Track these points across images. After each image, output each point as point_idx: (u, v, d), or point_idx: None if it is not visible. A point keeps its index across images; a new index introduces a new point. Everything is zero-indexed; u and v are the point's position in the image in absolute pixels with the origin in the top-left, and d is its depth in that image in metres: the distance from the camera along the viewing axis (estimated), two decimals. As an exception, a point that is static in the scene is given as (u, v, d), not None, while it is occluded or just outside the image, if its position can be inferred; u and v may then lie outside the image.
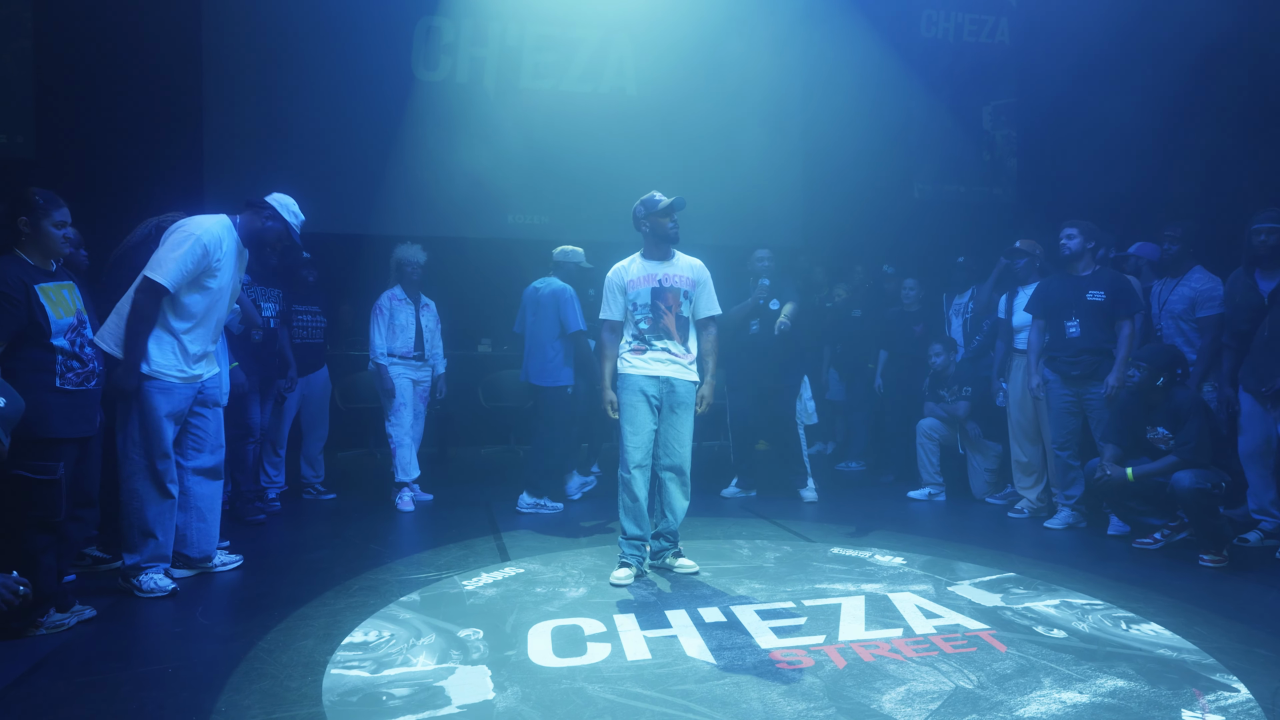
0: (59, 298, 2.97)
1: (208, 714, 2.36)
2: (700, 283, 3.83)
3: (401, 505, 5.14)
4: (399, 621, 3.12)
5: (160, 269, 3.27)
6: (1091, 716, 2.35)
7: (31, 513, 2.88)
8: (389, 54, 7.71)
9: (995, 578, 3.70)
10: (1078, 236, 4.54)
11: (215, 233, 3.38)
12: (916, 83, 9.24)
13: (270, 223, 3.56)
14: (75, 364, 2.98)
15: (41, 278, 2.96)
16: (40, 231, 2.96)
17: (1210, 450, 3.88)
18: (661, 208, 3.74)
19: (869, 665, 2.71)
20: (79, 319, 3.04)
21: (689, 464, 3.77)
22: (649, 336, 3.77)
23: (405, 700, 2.45)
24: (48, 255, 3.01)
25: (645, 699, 2.45)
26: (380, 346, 5.20)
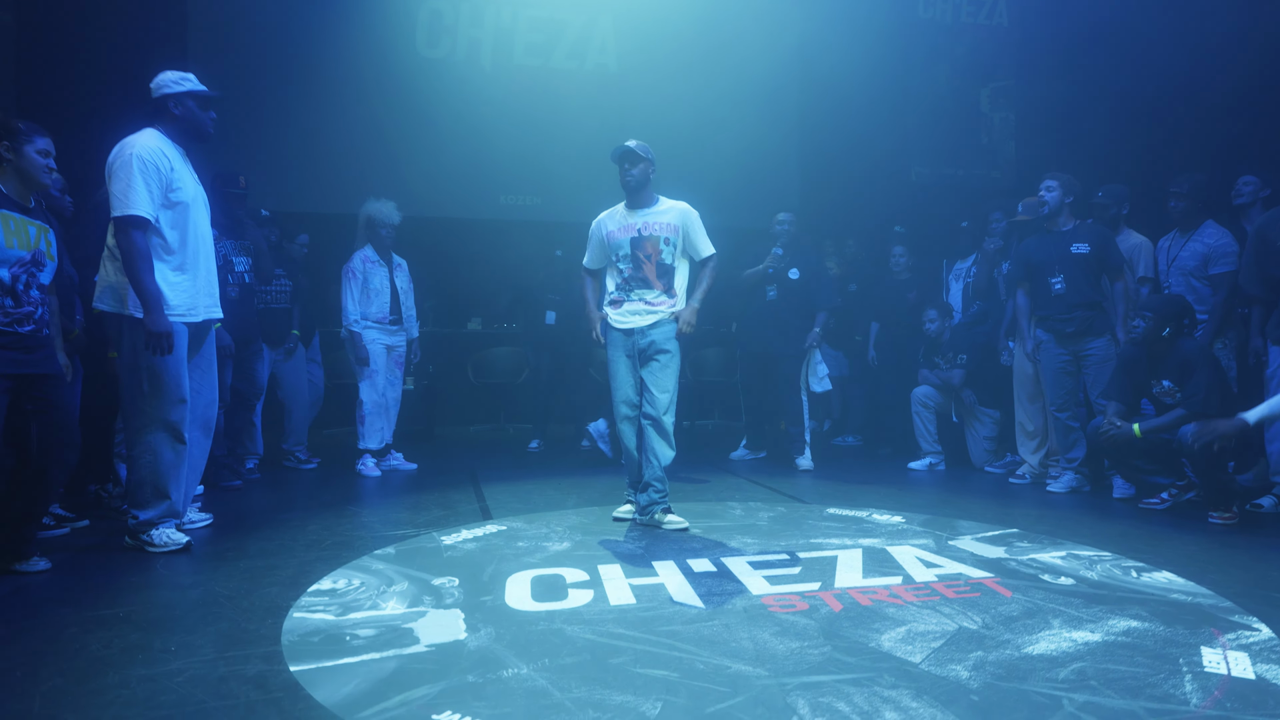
0: (18, 228, 2.79)
1: (156, 653, 2.20)
2: (685, 226, 3.70)
3: (366, 471, 4.99)
4: (371, 571, 2.95)
5: (124, 203, 3.03)
6: (1105, 653, 2.19)
7: None
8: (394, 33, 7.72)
9: (998, 533, 3.54)
10: (1056, 189, 4.40)
11: (149, 144, 3.12)
12: (914, 64, 9.13)
13: (179, 109, 3.22)
14: (8, 301, 2.77)
15: (7, 205, 2.78)
16: (23, 158, 2.81)
17: (1219, 402, 3.72)
18: (613, 156, 3.69)
19: (867, 609, 2.55)
20: (35, 258, 2.85)
21: (669, 412, 3.62)
22: (628, 287, 3.70)
23: (370, 640, 2.28)
24: (29, 185, 2.85)
25: (628, 639, 2.29)
26: (353, 312, 5.02)
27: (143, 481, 3.19)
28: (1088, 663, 2.13)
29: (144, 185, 3.05)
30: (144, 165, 3.06)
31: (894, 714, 1.83)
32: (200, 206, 3.31)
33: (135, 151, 3.08)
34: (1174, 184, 4.38)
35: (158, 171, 3.10)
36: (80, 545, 3.33)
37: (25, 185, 2.86)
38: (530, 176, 8.03)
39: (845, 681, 2.01)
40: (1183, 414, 3.75)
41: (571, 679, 2.02)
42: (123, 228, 3.03)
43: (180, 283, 3.21)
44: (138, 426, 3.18)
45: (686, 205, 3.72)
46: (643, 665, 2.10)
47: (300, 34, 7.32)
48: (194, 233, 3.26)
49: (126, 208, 3.03)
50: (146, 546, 3.17)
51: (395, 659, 2.15)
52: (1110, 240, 4.36)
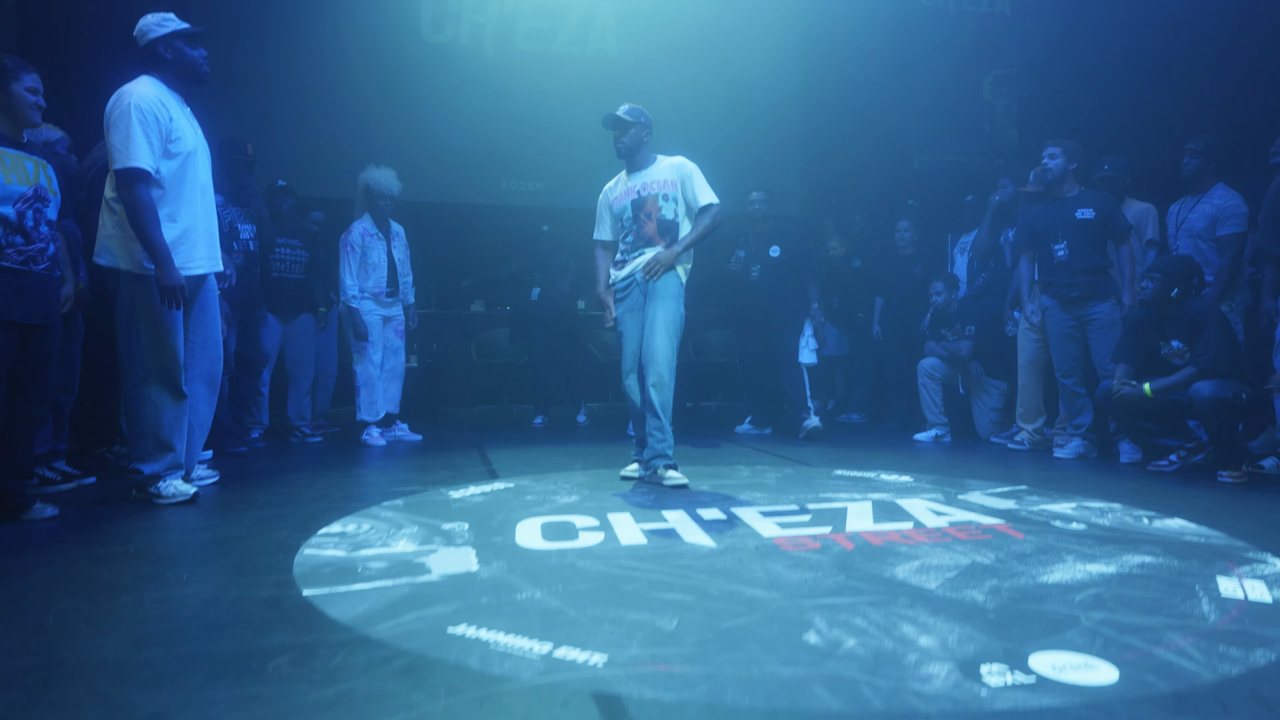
0: (15, 164, 2.77)
1: (168, 581, 2.19)
2: (683, 179, 3.68)
3: (371, 440, 4.97)
4: (380, 518, 2.94)
5: (124, 155, 2.97)
6: (1120, 582, 2.18)
7: None
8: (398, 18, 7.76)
9: (1007, 489, 3.53)
10: (1060, 156, 4.39)
11: (147, 93, 3.04)
12: (916, 52, 9.15)
13: (170, 52, 3.14)
14: (18, 239, 2.75)
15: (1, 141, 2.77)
16: (10, 95, 2.78)
17: (1230, 360, 3.71)
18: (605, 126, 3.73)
19: (879, 547, 2.55)
20: (37, 193, 2.83)
21: (665, 357, 3.56)
22: (633, 248, 3.73)
23: (382, 570, 2.28)
24: (18, 123, 2.83)
25: (641, 570, 2.28)
26: (351, 287, 4.99)
27: (144, 434, 3.17)
28: (1103, 589, 2.12)
29: (143, 136, 2.98)
30: (143, 115, 2.99)
31: (911, 628, 1.83)
32: (201, 157, 3.24)
33: (133, 101, 3.00)
34: (1191, 141, 4.36)
35: (156, 121, 3.03)
36: (87, 499, 3.32)
37: (15, 123, 2.84)
38: (533, 162, 8.07)
39: (861, 603, 2.00)
40: (1193, 372, 3.74)
41: (586, 601, 2.01)
42: (125, 181, 2.97)
43: (177, 235, 3.14)
44: (136, 380, 3.15)
45: (683, 159, 3.71)
46: (657, 591, 2.09)
47: (304, 17, 7.34)
48: (192, 184, 3.19)
49: (127, 160, 2.96)
50: (154, 499, 3.16)
51: (408, 586, 2.14)
52: (1115, 205, 4.36)
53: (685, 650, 1.70)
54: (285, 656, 1.65)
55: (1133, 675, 1.58)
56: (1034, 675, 1.57)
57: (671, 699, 1.47)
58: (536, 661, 1.63)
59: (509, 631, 1.79)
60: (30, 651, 1.68)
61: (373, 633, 1.78)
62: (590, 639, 1.75)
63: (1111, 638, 1.77)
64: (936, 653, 1.68)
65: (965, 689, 1.51)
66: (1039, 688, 1.52)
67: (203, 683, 1.55)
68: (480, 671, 1.58)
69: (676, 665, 1.62)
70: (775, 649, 1.70)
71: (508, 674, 1.57)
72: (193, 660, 1.66)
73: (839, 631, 1.80)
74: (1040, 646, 1.71)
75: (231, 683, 1.53)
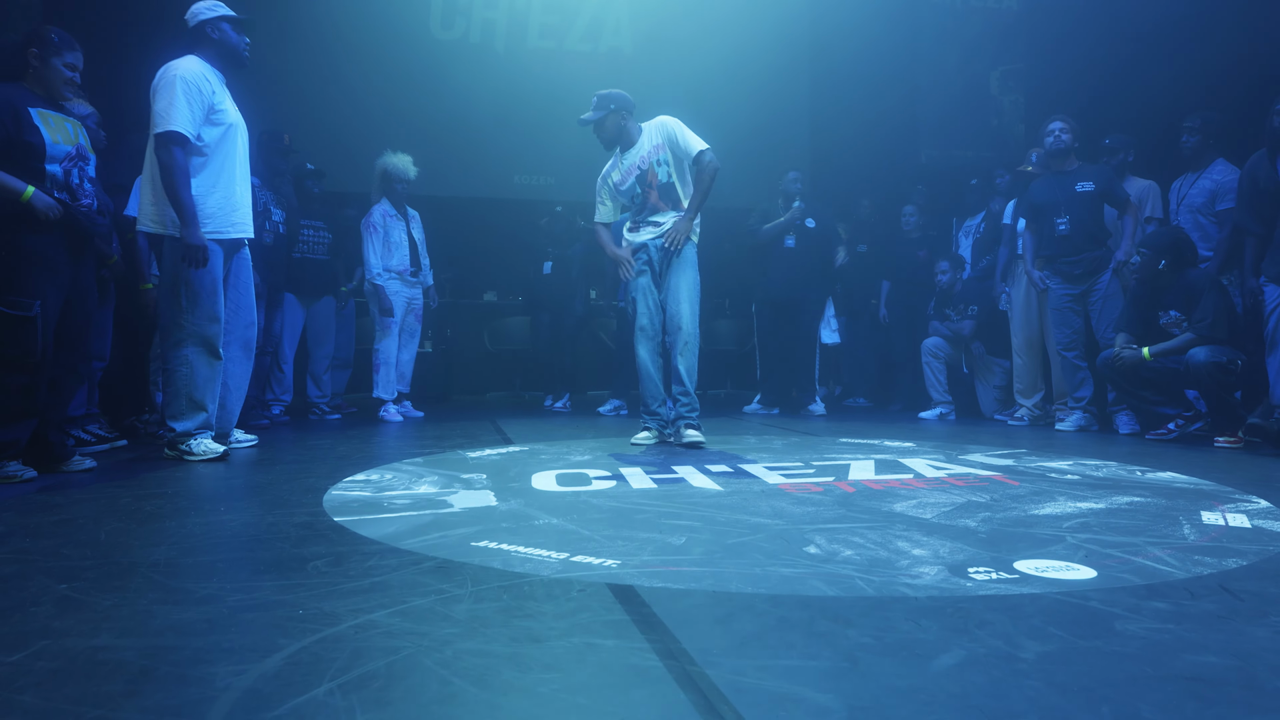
0: (59, 125, 2.93)
1: (207, 512, 2.33)
2: (668, 138, 3.80)
3: (388, 416, 5.14)
4: (402, 470, 3.08)
5: (165, 119, 3.17)
6: (1108, 515, 2.29)
7: (5, 350, 2.78)
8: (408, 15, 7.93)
9: (1007, 451, 3.64)
10: (1069, 131, 4.50)
11: (192, 67, 3.26)
12: (923, 47, 9.27)
13: (216, 33, 3.37)
14: (64, 196, 2.91)
15: (41, 104, 2.92)
16: (48, 67, 2.93)
17: (1227, 327, 3.81)
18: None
19: (879, 491, 2.66)
20: (79, 152, 2.99)
21: (691, 323, 3.73)
22: (641, 219, 3.88)
23: (407, 505, 2.41)
24: (51, 93, 2.98)
25: (652, 507, 2.41)
26: (375, 265, 5.18)
27: (178, 393, 3.32)
28: (1090, 519, 2.23)
29: (186, 103, 3.19)
30: (187, 85, 3.21)
31: (906, 544, 1.95)
32: (239, 132, 3.44)
33: (179, 73, 3.22)
34: (1187, 119, 4.46)
35: (200, 93, 3.25)
36: (122, 458, 3.47)
37: (49, 94, 2.99)
38: (544, 156, 8.21)
39: (859, 527, 2.12)
40: (1191, 338, 3.84)
41: (600, 525, 2.14)
42: (164, 143, 3.17)
43: (214, 199, 3.32)
44: (175, 340, 3.31)
45: (662, 118, 3.82)
46: (667, 519, 2.22)
47: (316, 13, 7.50)
48: (229, 154, 3.38)
49: (168, 123, 3.17)
50: (185, 456, 3.30)
51: (432, 515, 2.27)
52: (1113, 176, 4.45)
53: (693, 558, 1.82)
54: (322, 560, 1.78)
55: (1110, 574, 1.69)
56: (1018, 574, 1.69)
57: (679, 588, 1.60)
58: (555, 564, 1.76)
59: (528, 545, 1.92)
60: (88, 556, 1.82)
61: (402, 545, 1.92)
62: (604, 550, 1.88)
63: (1094, 550, 1.88)
64: (928, 560, 1.80)
65: (953, 583, 1.63)
66: (1021, 582, 1.64)
67: (249, 576, 1.68)
68: (503, 570, 1.71)
69: (685, 567, 1.74)
70: (777, 557, 1.82)
71: (529, 572, 1.70)
72: (238, 563, 1.80)
73: (837, 545, 1.92)
74: (1026, 556, 1.83)
75: (276, 576, 1.66)
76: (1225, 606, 1.48)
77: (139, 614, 1.42)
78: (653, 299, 3.79)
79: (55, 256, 2.89)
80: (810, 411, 5.39)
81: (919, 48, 9.31)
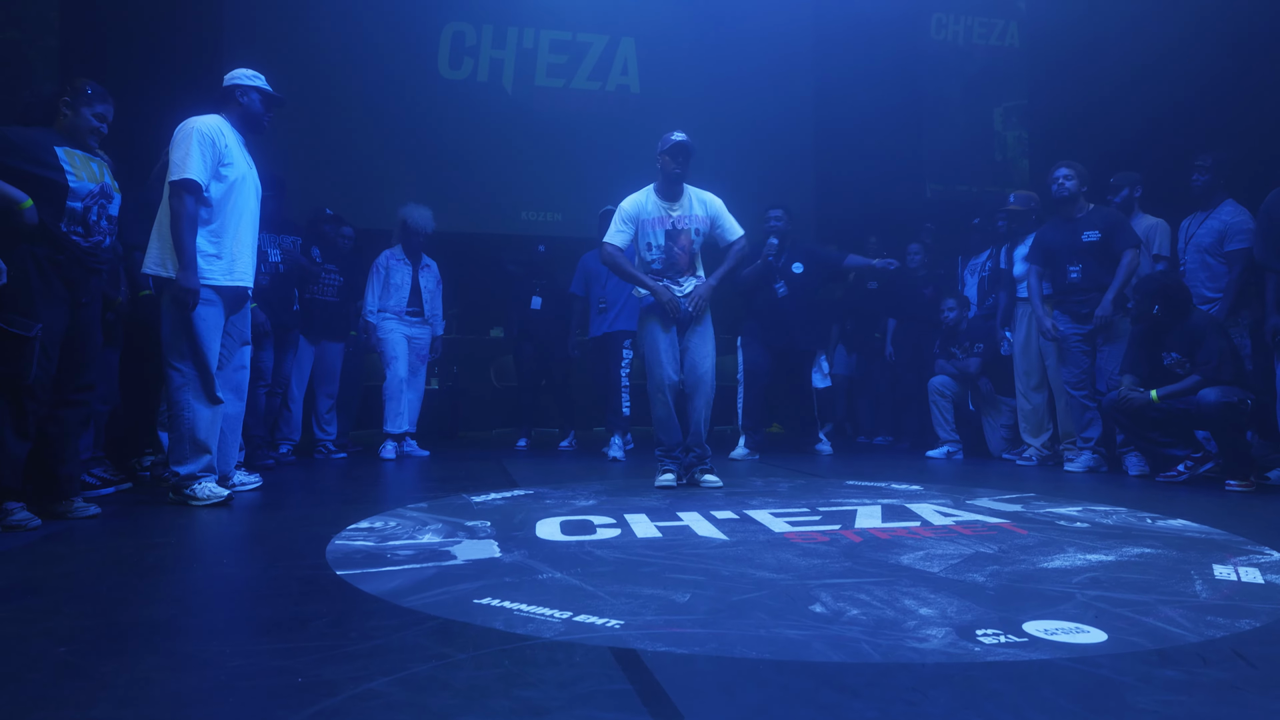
0: (84, 163, 2.98)
1: (209, 564, 2.32)
2: (714, 216, 3.94)
3: (384, 454, 5.18)
4: (405, 517, 3.07)
5: (179, 168, 3.26)
6: (1118, 568, 2.26)
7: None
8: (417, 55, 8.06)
9: (1015, 495, 3.61)
10: (1075, 178, 4.50)
11: (211, 123, 3.38)
12: (927, 84, 9.37)
13: (245, 99, 3.51)
14: (80, 229, 2.95)
15: (68, 143, 2.97)
16: (78, 115, 3.00)
17: (1232, 368, 3.79)
18: (665, 148, 3.84)
19: (886, 540, 2.64)
20: (103, 190, 3.04)
21: (711, 375, 3.87)
22: (663, 273, 3.90)
23: (410, 557, 2.40)
24: (77, 142, 3.03)
25: (656, 558, 2.39)
26: (371, 304, 5.36)
27: (182, 436, 3.34)
28: (1100, 573, 2.20)
29: (200, 154, 3.29)
30: (202, 137, 3.32)
31: (913, 602, 1.92)
32: (247, 186, 3.51)
33: (196, 126, 3.35)
34: (1199, 158, 4.46)
35: (213, 145, 3.35)
36: (125, 501, 3.47)
37: (75, 139, 3.04)
38: (552, 193, 8.30)
39: (866, 582, 2.10)
40: (1198, 380, 3.82)
41: (603, 580, 2.12)
42: (176, 190, 3.27)
43: (218, 250, 3.39)
44: (177, 385, 3.33)
45: (710, 195, 3.96)
46: (671, 573, 2.20)
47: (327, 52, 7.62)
48: (236, 206, 3.46)
49: (182, 172, 3.26)
50: (190, 500, 3.29)
51: (435, 568, 2.26)
52: (1119, 221, 4.42)
53: (697, 617, 1.80)
54: (323, 620, 1.77)
55: (1121, 637, 1.66)
56: (1027, 637, 1.66)
57: (683, 652, 1.58)
58: (558, 624, 1.74)
59: (531, 603, 1.90)
60: (89, 614, 1.81)
61: (404, 603, 1.90)
62: (607, 609, 1.86)
63: (1104, 609, 1.86)
64: (935, 620, 1.78)
65: (960, 646, 1.61)
66: (1030, 645, 1.61)
67: (249, 638, 1.67)
68: (505, 631, 1.70)
69: (689, 628, 1.72)
70: (782, 616, 1.80)
71: (531, 633, 1.68)
72: (238, 622, 1.79)
73: (843, 604, 1.90)
74: (1035, 616, 1.80)
75: (276, 639, 1.65)
76: (1238, 675, 1.46)
77: (138, 681, 1.41)
78: (676, 352, 3.84)
79: (54, 285, 2.91)
80: (818, 451, 5.37)
81: (922, 84, 9.42)
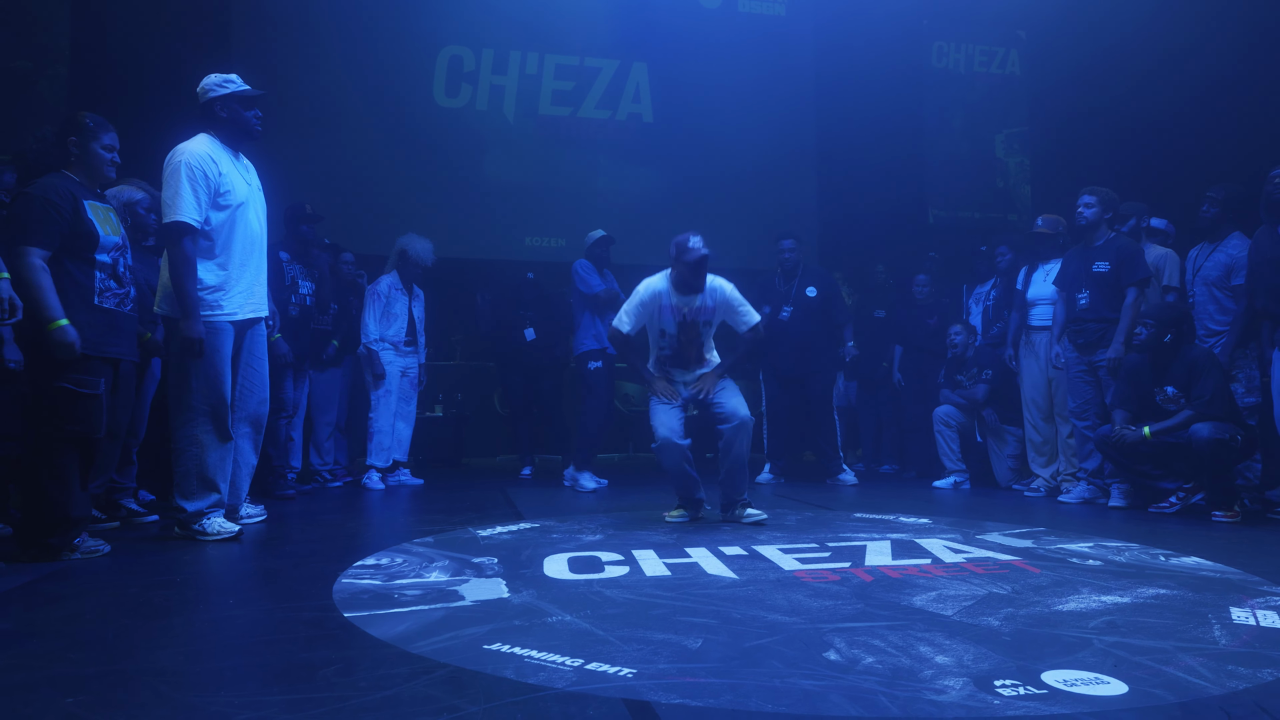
0: (105, 217, 2.99)
1: (215, 606, 2.30)
2: (723, 306, 3.88)
3: (371, 484, 5.16)
4: (412, 553, 3.04)
5: (172, 209, 3.17)
6: (1134, 611, 2.24)
7: (70, 427, 2.83)
8: (411, 81, 8.03)
9: (1025, 530, 3.58)
10: (1095, 205, 4.50)
11: (197, 149, 3.26)
12: (929, 112, 9.45)
13: (226, 111, 3.37)
14: (113, 284, 2.98)
15: (89, 195, 2.98)
16: (89, 153, 3.00)
17: (1225, 404, 3.80)
18: (687, 260, 3.75)
19: (897, 580, 2.61)
20: (124, 241, 3.05)
21: (745, 413, 3.78)
22: (671, 367, 3.93)
23: (418, 597, 2.37)
24: (94, 178, 3.04)
25: (666, 598, 2.37)
26: (373, 331, 5.32)
27: (188, 472, 3.29)
28: (1116, 617, 2.18)
29: (190, 191, 3.18)
30: (191, 171, 3.20)
31: (928, 648, 1.90)
32: (252, 208, 3.43)
33: (184, 159, 3.22)
34: (1211, 190, 4.46)
35: (205, 177, 3.24)
36: (132, 537, 3.44)
37: (93, 179, 3.05)
38: (555, 219, 8.27)
39: (879, 627, 2.07)
40: (1190, 414, 3.83)
41: (614, 624, 2.09)
42: (168, 234, 3.20)
43: (227, 282, 3.33)
44: (184, 420, 3.29)
45: (722, 283, 3.87)
46: (682, 615, 2.18)
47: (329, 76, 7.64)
48: (243, 233, 3.38)
49: (174, 214, 3.16)
50: (198, 536, 3.26)
51: (443, 610, 2.23)
52: (1130, 254, 4.39)
53: (710, 665, 1.78)
54: (332, 668, 1.74)
55: (1141, 689, 1.64)
56: (1046, 689, 1.64)
57: (698, 705, 1.55)
58: (569, 673, 1.72)
59: (541, 649, 1.88)
60: (93, 661, 1.78)
61: (412, 648, 1.88)
62: (619, 655, 1.83)
63: (1123, 658, 1.83)
64: (952, 669, 1.75)
65: (979, 699, 1.58)
66: (1050, 698, 1.59)
67: (257, 688, 1.65)
68: (517, 681, 1.67)
69: (702, 677, 1.70)
70: (796, 665, 1.78)
71: (542, 683, 1.66)
72: (245, 670, 1.77)
73: (858, 651, 1.87)
74: (1053, 665, 1.78)
75: (284, 689, 1.63)
76: (1265, 732, 1.43)
77: (145, 737, 1.39)
78: (676, 419, 3.76)
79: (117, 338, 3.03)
80: (840, 481, 5.33)
81: (925, 112, 9.48)
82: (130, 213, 3.66)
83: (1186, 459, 3.88)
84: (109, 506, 3.71)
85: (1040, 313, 4.95)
